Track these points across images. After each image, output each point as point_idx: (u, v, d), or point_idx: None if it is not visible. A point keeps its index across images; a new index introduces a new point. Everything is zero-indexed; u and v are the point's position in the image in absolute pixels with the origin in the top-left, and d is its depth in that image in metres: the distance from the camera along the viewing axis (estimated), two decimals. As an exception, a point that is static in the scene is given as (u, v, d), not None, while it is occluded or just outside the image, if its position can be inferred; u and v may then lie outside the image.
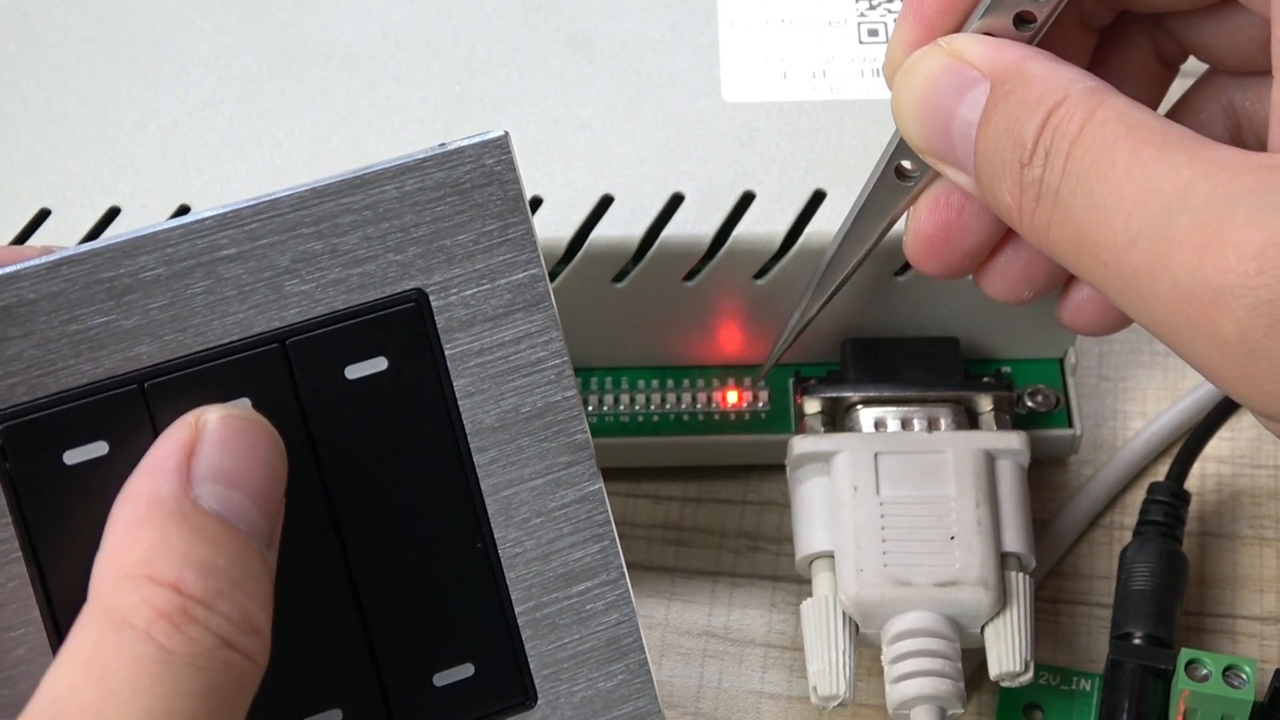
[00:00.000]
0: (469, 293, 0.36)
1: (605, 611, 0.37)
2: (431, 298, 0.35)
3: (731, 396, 0.49)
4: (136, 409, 0.34)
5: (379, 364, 0.35)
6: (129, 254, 0.34)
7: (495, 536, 0.36)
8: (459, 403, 0.36)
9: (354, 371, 0.35)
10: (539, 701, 0.37)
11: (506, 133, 0.36)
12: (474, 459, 0.36)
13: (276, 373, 0.35)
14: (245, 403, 0.34)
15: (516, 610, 0.36)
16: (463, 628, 0.36)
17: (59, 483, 0.34)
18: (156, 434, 0.34)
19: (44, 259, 0.34)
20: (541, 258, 0.36)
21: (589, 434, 0.37)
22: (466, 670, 0.36)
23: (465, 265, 0.36)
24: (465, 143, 0.36)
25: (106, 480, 0.34)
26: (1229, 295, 0.31)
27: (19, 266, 0.34)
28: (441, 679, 0.36)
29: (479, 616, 0.36)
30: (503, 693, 0.37)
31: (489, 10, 0.49)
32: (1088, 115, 0.34)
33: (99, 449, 0.34)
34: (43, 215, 0.46)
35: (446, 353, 0.36)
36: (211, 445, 0.33)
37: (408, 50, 0.48)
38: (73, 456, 0.34)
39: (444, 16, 0.49)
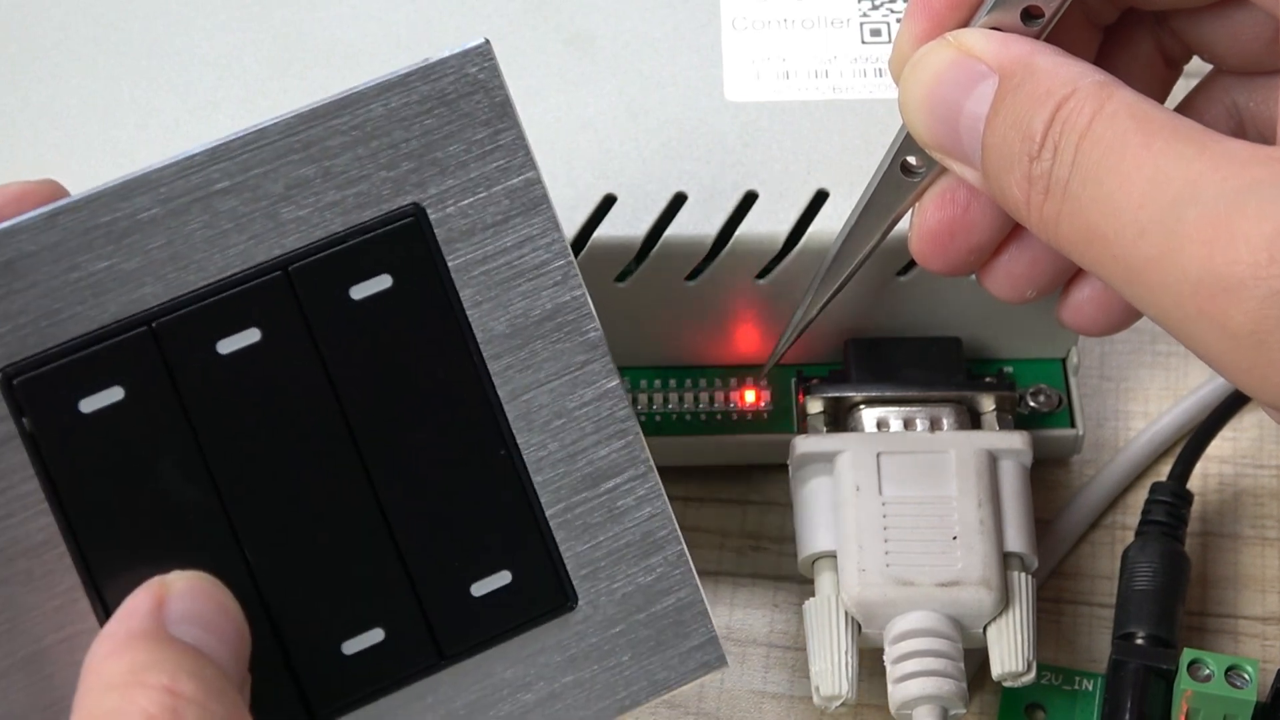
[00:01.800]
0: (466, 202, 0.36)
1: (637, 506, 0.37)
2: (429, 211, 0.35)
3: (735, 396, 0.49)
4: (149, 350, 0.34)
5: (384, 282, 0.35)
6: (124, 196, 0.34)
7: (519, 442, 0.36)
8: (468, 313, 0.36)
9: (359, 291, 0.35)
10: (580, 602, 0.37)
11: (487, 40, 0.36)
12: (489, 367, 0.36)
13: (283, 300, 0.35)
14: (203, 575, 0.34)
15: (548, 513, 0.36)
16: (496, 536, 0.36)
17: (78, 431, 0.34)
18: (171, 373, 0.34)
19: (39, 210, 0.34)
20: (535, 160, 0.36)
21: (601, 331, 0.37)
22: (504, 578, 0.36)
23: (459, 175, 0.36)
24: (447, 53, 0.36)
25: (125, 426, 0.34)
26: (1239, 286, 0.31)
27: (15, 221, 0.34)
28: (479, 588, 0.36)
29: (511, 523, 0.36)
30: (543, 596, 0.37)
31: (490, 9, 0.49)
32: (1097, 108, 0.34)
33: (115, 394, 0.34)
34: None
35: (450, 264, 0.36)
36: (180, 596, 0.33)
37: (408, 50, 0.48)
38: (89, 404, 0.34)
39: (445, 16, 0.49)
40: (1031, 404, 0.49)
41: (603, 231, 0.45)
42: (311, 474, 0.35)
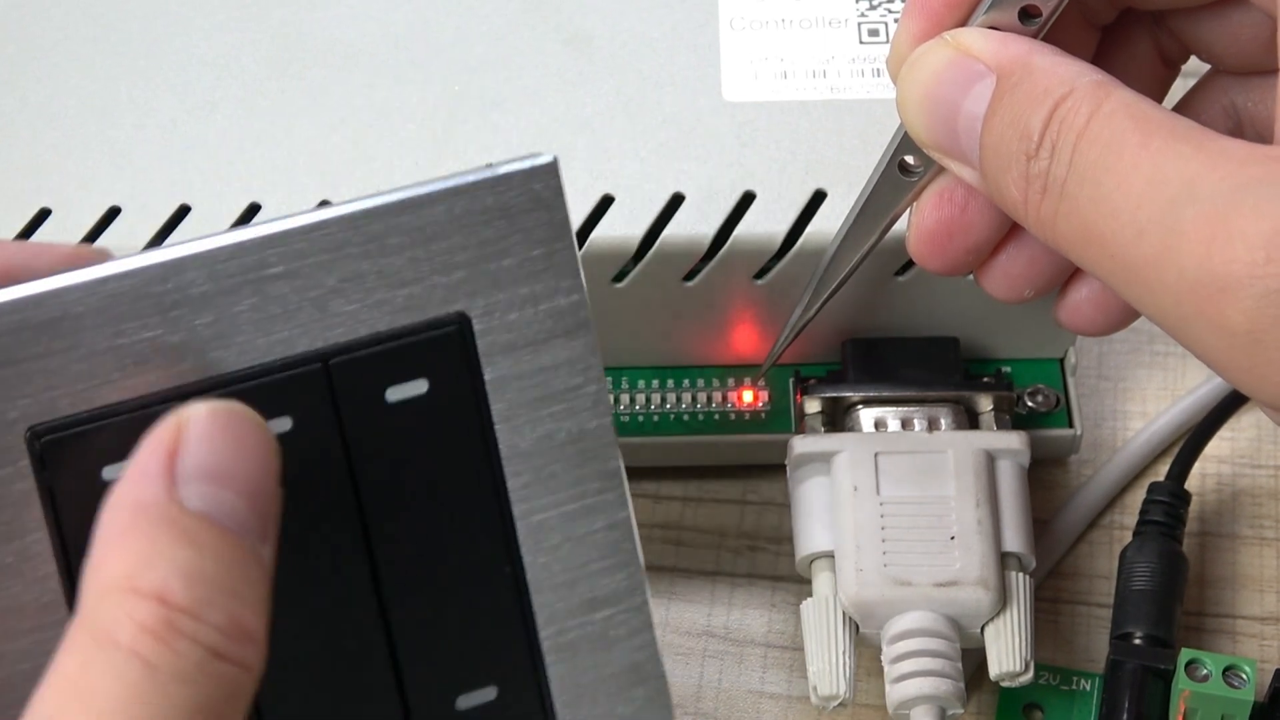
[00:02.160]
0: (511, 317, 0.35)
1: (628, 638, 0.37)
2: (474, 321, 0.35)
3: (733, 397, 0.49)
4: None
5: (420, 386, 0.35)
6: (178, 270, 0.34)
7: (524, 560, 0.36)
8: (496, 426, 0.36)
9: (395, 394, 0.35)
10: None
11: (555, 158, 0.35)
12: (507, 483, 0.36)
13: (318, 393, 0.35)
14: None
15: (540, 634, 0.36)
16: (488, 651, 0.36)
17: (96, 498, 0.33)
18: None
19: (91, 272, 0.33)
20: (584, 284, 0.36)
21: (621, 462, 0.36)
22: (490, 693, 0.36)
23: (509, 290, 0.35)
24: (515, 167, 0.35)
25: None
26: (1237, 285, 0.31)
27: (67, 281, 0.33)
28: (464, 701, 0.36)
29: (504, 640, 0.36)
30: (524, 716, 0.36)
31: (489, 9, 0.49)
32: (1094, 108, 0.34)
33: None
34: (43, 215, 0.46)
35: (486, 376, 0.35)
36: (196, 443, 0.32)
37: (408, 50, 0.48)
38: (111, 472, 0.33)
39: (444, 16, 0.49)
40: (1029, 404, 0.49)
41: (600, 231, 0.45)
42: (320, 568, 0.35)
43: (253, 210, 0.46)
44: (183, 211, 0.46)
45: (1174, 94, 0.42)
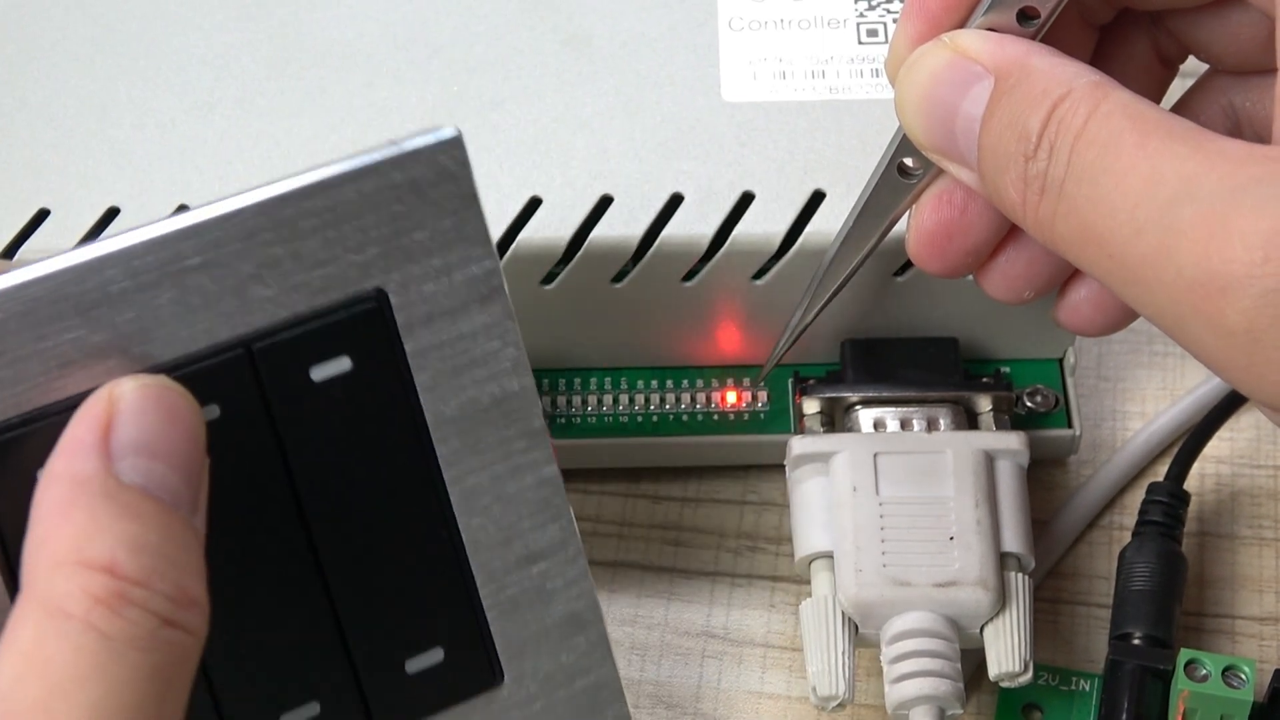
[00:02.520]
0: (427, 289, 0.36)
1: (565, 589, 0.38)
2: (391, 296, 0.36)
3: (731, 397, 0.49)
4: None
5: (343, 364, 0.35)
6: (95, 270, 0.34)
7: (459, 524, 0.37)
8: (420, 396, 0.36)
9: (319, 373, 0.35)
10: (506, 679, 0.37)
11: (459, 131, 0.36)
12: (437, 450, 0.36)
13: (244, 379, 0.35)
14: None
15: (481, 593, 0.37)
16: (431, 614, 0.37)
17: (27, 497, 0.33)
18: None
19: (9, 278, 0.33)
20: (495, 251, 0.36)
21: (544, 420, 0.37)
22: (437, 655, 0.37)
23: (423, 262, 0.36)
24: (421, 143, 0.36)
25: None
26: (1235, 285, 0.31)
27: None
28: (413, 665, 0.37)
29: (446, 602, 0.37)
30: (472, 674, 0.37)
31: (488, 9, 0.49)
32: (1092, 108, 0.34)
33: None
34: (42, 215, 0.46)
35: (407, 349, 0.36)
36: (128, 417, 0.32)
37: (407, 50, 0.48)
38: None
39: (443, 16, 0.49)
40: (1028, 404, 0.49)
41: (599, 232, 0.45)
42: (260, 549, 0.35)
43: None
44: (181, 211, 0.46)
45: (1172, 94, 0.42)
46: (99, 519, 0.31)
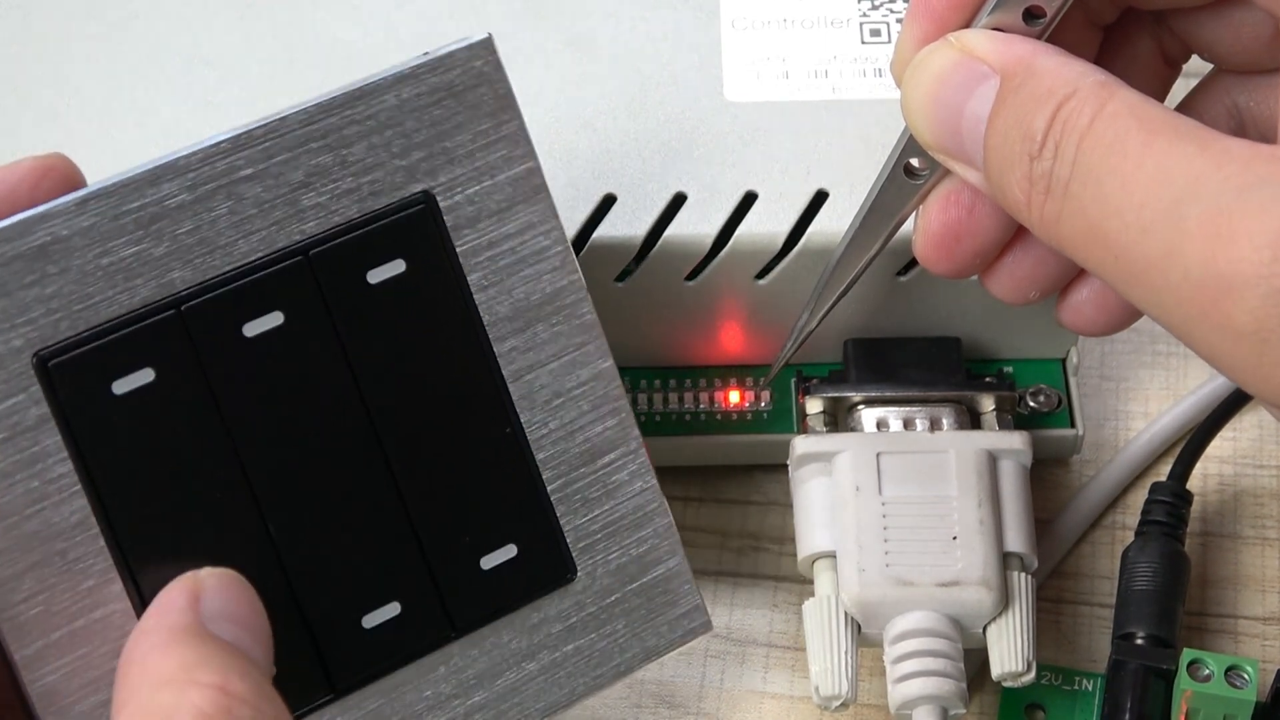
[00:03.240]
0: (472, 190, 0.37)
1: (629, 481, 0.39)
2: (439, 198, 0.37)
3: (734, 397, 0.49)
4: (177, 332, 0.35)
5: (398, 266, 0.37)
6: (152, 183, 0.35)
7: (522, 420, 0.38)
8: (474, 296, 0.37)
9: (375, 276, 0.37)
10: (579, 573, 0.39)
11: (490, 35, 0.37)
12: (494, 349, 0.37)
13: (304, 284, 0.36)
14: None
15: (549, 489, 0.38)
16: (502, 511, 0.38)
17: (111, 413, 0.35)
18: (199, 356, 0.35)
19: (71, 196, 0.35)
20: (535, 151, 0.37)
21: (595, 314, 0.38)
22: (510, 551, 0.38)
23: (466, 164, 0.37)
24: (454, 47, 0.37)
25: (155, 407, 0.35)
26: (1242, 285, 0.31)
27: (48, 206, 0.35)
28: (488, 562, 0.38)
29: (516, 499, 0.38)
30: (546, 569, 0.38)
31: (491, 9, 0.49)
32: (1098, 108, 0.34)
33: (145, 376, 0.35)
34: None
35: (458, 250, 0.37)
36: (214, 592, 0.34)
37: (408, 49, 0.48)
38: (121, 386, 0.35)
39: (445, 16, 0.49)
40: (1031, 404, 0.49)
41: (603, 231, 0.45)
42: (331, 453, 0.36)
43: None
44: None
45: (1176, 94, 0.42)
46: (204, 654, 0.32)
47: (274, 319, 0.36)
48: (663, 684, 0.47)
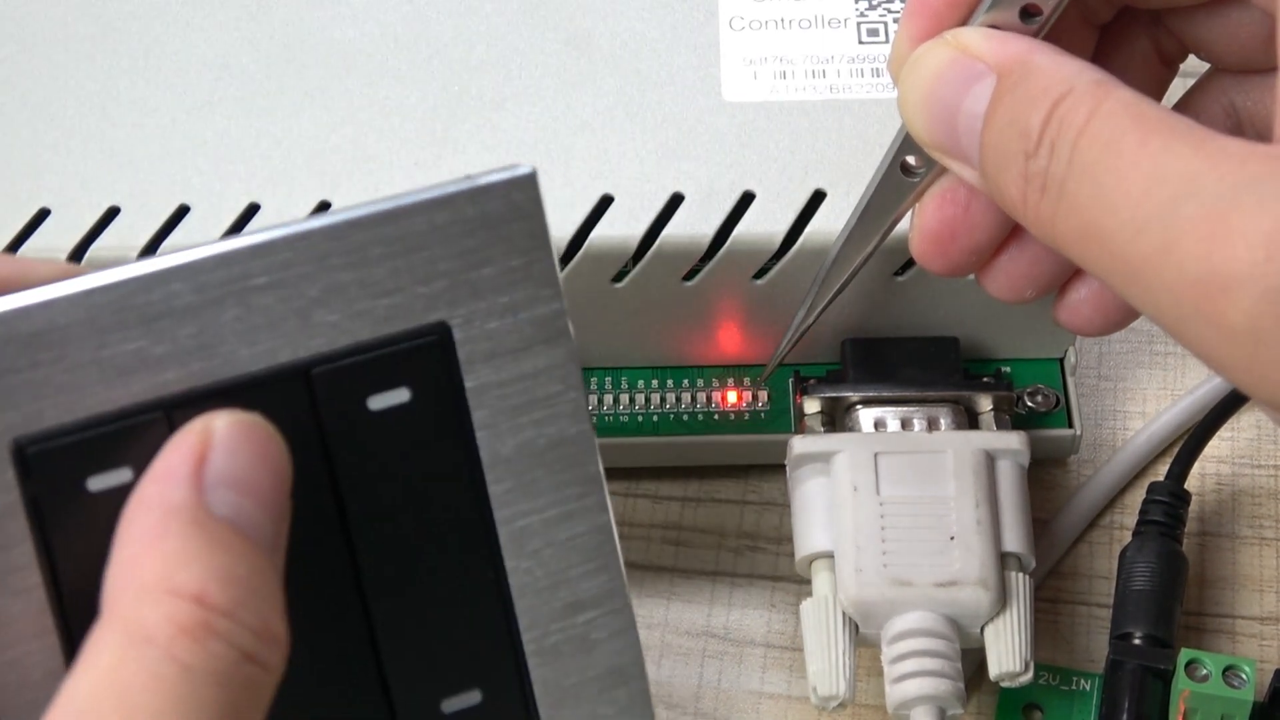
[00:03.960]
0: (492, 325, 0.36)
1: (609, 640, 0.37)
2: (455, 330, 0.35)
3: (731, 396, 0.49)
4: (162, 437, 0.34)
5: (401, 395, 0.35)
6: (162, 281, 0.34)
7: (506, 566, 0.36)
8: (477, 434, 0.36)
9: (376, 402, 0.35)
10: None
11: (534, 169, 0.36)
12: (490, 489, 0.36)
13: (300, 402, 0.35)
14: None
15: (524, 638, 0.37)
16: (472, 655, 0.36)
17: (82, 508, 0.34)
18: None
19: (75, 285, 0.34)
20: (563, 293, 0.36)
21: (601, 467, 0.37)
22: (474, 697, 0.36)
23: (489, 299, 0.36)
24: (495, 178, 0.35)
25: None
26: (1237, 283, 0.31)
27: (52, 294, 0.33)
28: (449, 705, 0.36)
29: (488, 644, 0.36)
30: (508, 719, 0.37)
31: (488, 9, 0.49)
32: (1094, 107, 0.34)
33: (123, 476, 0.34)
34: (42, 215, 0.46)
35: (467, 385, 0.36)
36: (222, 451, 0.32)
37: (408, 50, 0.48)
38: (97, 483, 0.34)
39: (444, 16, 0.49)
40: (1029, 404, 0.49)
41: (600, 232, 0.45)
42: (305, 576, 0.35)
43: (252, 210, 0.46)
44: (182, 211, 0.46)
45: (1173, 94, 0.42)
46: (190, 548, 0.31)
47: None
48: (660, 684, 0.47)
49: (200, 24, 0.49)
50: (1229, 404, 0.49)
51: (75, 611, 0.34)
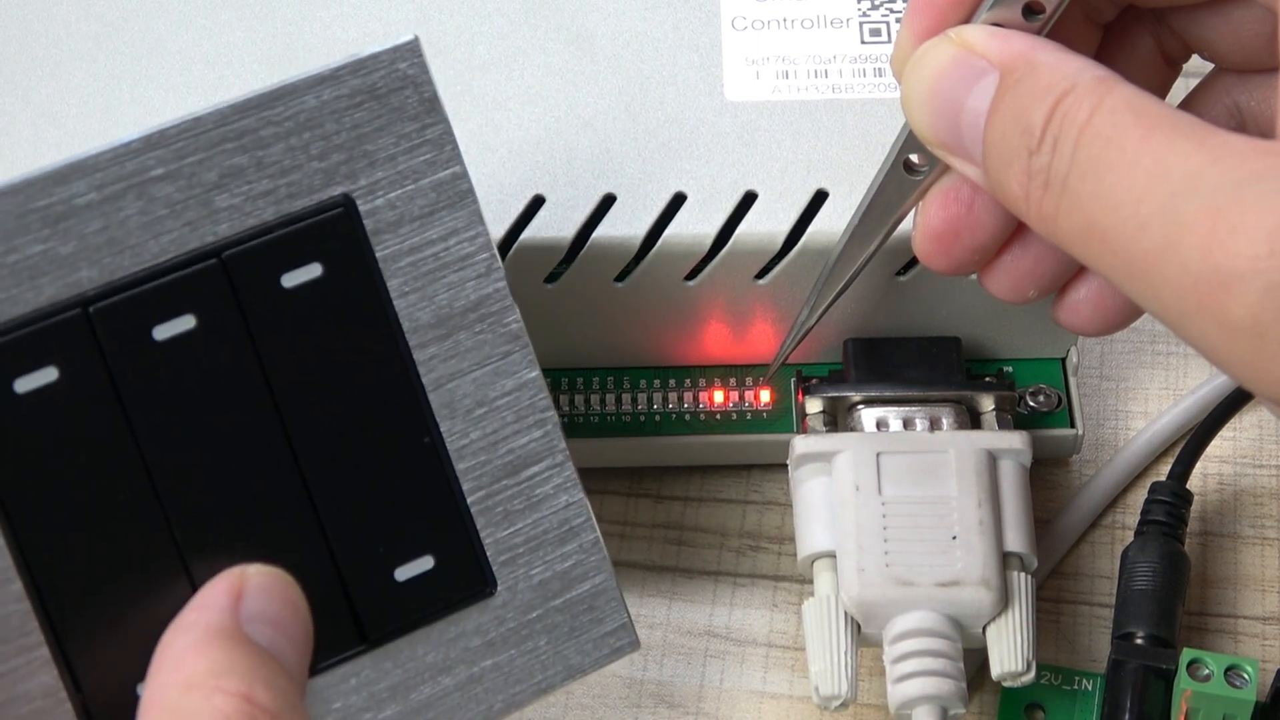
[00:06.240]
0: (394, 194, 0.37)
1: (554, 495, 0.38)
2: (359, 202, 0.36)
3: (734, 396, 0.49)
4: (83, 333, 0.35)
5: (314, 270, 0.36)
6: (60, 181, 0.35)
7: (441, 430, 0.37)
8: (395, 302, 0.37)
9: (290, 279, 0.36)
10: (499, 587, 0.38)
11: (416, 36, 0.37)
12: (414, 356, 0.37)
13: (216, 286, 0.35)
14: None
15: (469, 500, 0.37)
16: (419, 522, 0.37)
17: (12, 412, 0.34)
18: (104, 357, 0.34)
19: None
20: (461, 155, 0.37)
21: (522, 323, 0.38)
22: (427, 563, 0.37)
23: (388, 168, 0.36)
24: (378, 49, 0.36)
25: (58, 407, 0.34)
26: (1240, 279, 0.31)
27: None
28: (403, 573, 0.37)
29: (433, 510, 0.37)
30: (463, 581, 0.38)
31: (490, 9, 0.49)
32: (1096, 103, 0.34)
33: (48, 375, 0.34)
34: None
35: (378, 254, 0.36)
36: (256, 591, 0.34)
37: (409, 50, 0.48)
38: (23, 384, 0.34)
39: (445, 15, 0.49)
40: (1031, 404, 0.49)
41: (602, 231, 0.45)
42: (241, 460, 0.36)
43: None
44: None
45: (1176, 95, 0.42)
46: (234, 658, 0.32)
47: (185, 322, 0.35)
48: (662, 684, 0.47)
49: (202, 24, 0.49)
50: (1231, 404, 0.49)
51: (20, 518, 0.34)
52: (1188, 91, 0.42)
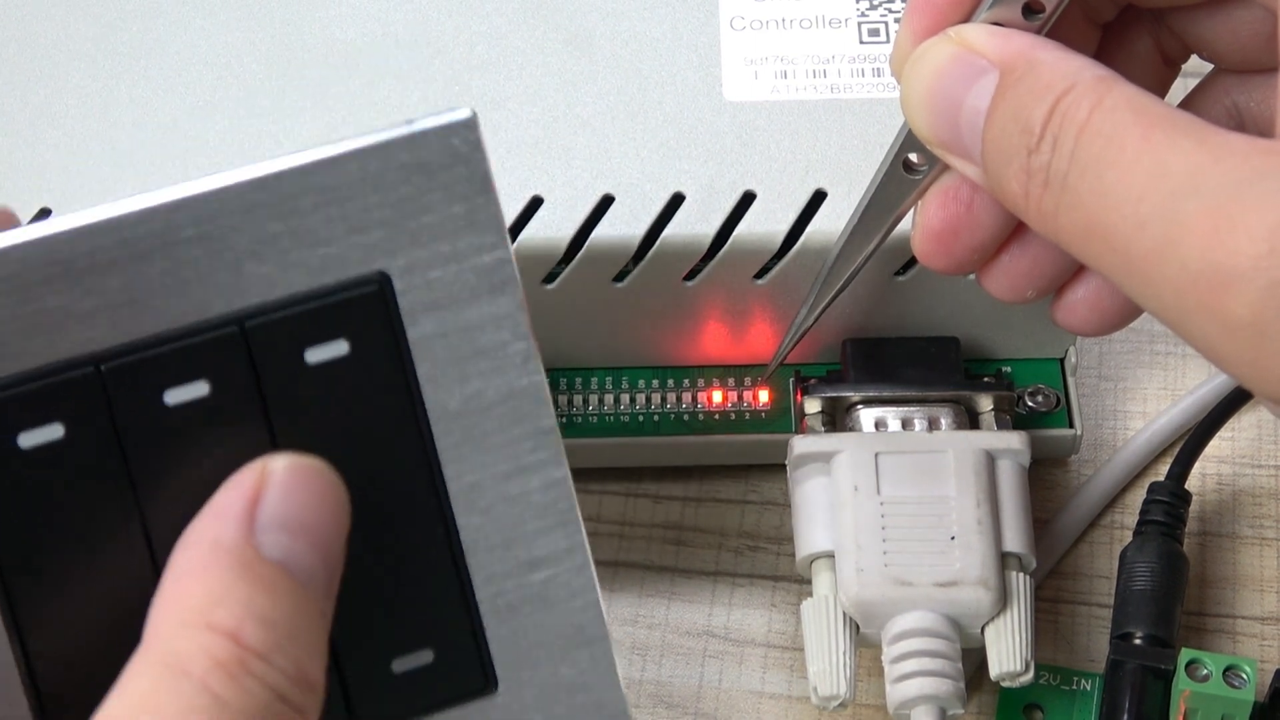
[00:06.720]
0: (433, 275, 0.35)
1: (569, 599, 0.36)
2: (395, 280, 0.35)
3: (732, 396, 0.49)
4: (93, 391, 0.34)
5: (340, 348, 0.34)
6: (86, 236, 0.33)
7: (458, 522, 0.36)
8: (422, 386, 0.35)
9: (314, 355, 0.34)
10: (500, 688, 0.36)
11: (474, 113, 0.35)
12: (436, 444, 0.35)
13: (235, 356, 0.34)
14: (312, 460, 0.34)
15: (478, 596, 0.36)
16: (423, 614, 0.36)
17: (14, 466, 0.33)
18: (114, 417, 0.34)
19: None
20: (508, 240, 0.35)
21: (555, 419, 0.36)
22: (426, 656, 0.36)
23: (430, 247, 0.35)
24: (432, 124, 0.34)
25: (62, 464, 0.33)
26: (1240, 278, 0.31)
27: None
28: (401, 665, 0.36)
29: (439, 603, 0.36)
30: (463, 679, 0.36)
31: (489, 9, 0.49)
32: (1096, 102, 0.34)
33: (54, 432, 0.33)
34: (42, 215, 0.46)
35: (409, 336, 0.35)
36: (277, 493, 0.32)
37: (408, 49, 0.48)
38: (28, 439, 0.33)
39: (444, 15, 0.49)
40: (1029, 404, 0.49)
41: (601, 231, 0.45)
42: None
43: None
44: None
45: (1175, 95, 0.42)
46: (231, 586, 0.31)
47: (199, 388, 0.34)
48: (660, 684, 0.47)
49: (201, 24, 0.49)
50: (1230, 404, 0.49)
51: (14, 577, 0.33)
52: (1187, 91, 0.42)
